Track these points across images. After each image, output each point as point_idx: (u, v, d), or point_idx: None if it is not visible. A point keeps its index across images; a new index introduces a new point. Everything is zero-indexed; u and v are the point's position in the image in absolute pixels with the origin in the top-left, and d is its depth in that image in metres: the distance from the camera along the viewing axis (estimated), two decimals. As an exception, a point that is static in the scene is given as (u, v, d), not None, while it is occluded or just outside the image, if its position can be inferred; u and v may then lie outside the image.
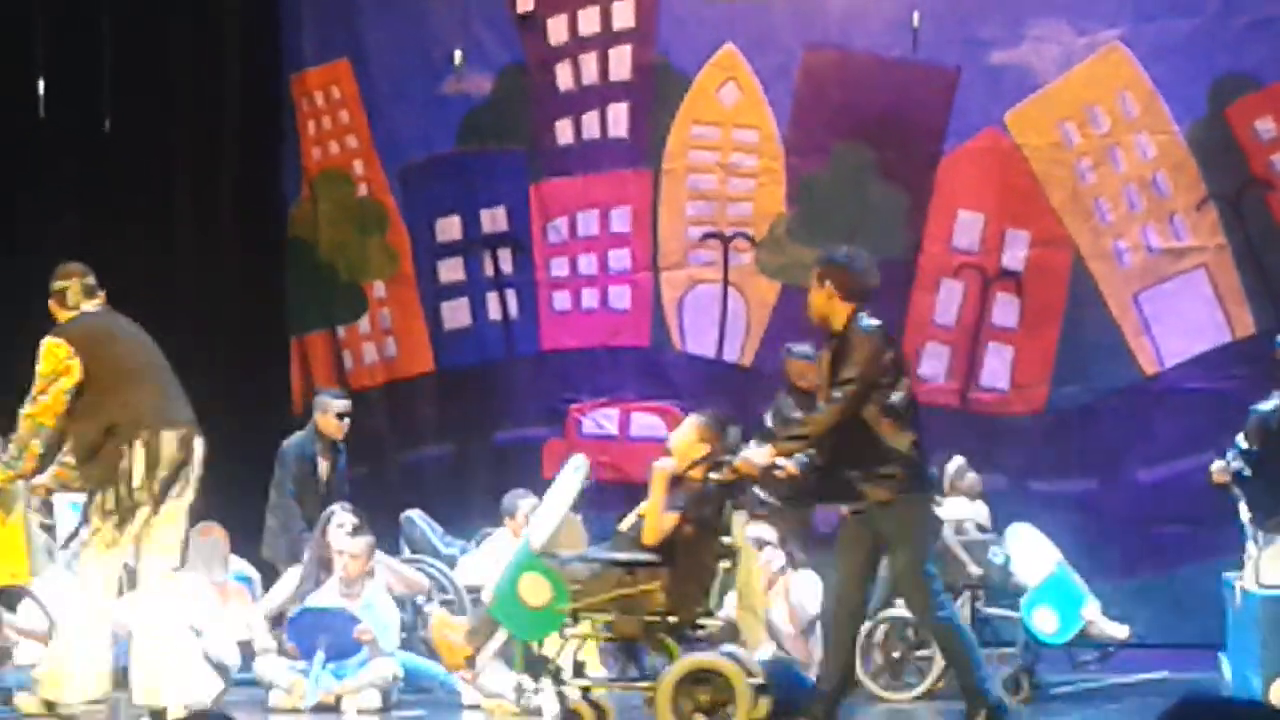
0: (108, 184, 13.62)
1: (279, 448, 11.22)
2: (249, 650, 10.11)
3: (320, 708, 9.52)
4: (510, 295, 13.46)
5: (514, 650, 8.45)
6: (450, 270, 13.60)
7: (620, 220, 13.23)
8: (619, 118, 13.25)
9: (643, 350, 13.13)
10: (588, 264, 13.31)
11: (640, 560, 7.96)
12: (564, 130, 13.35)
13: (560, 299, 13.37)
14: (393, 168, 13.72)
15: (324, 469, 11.11)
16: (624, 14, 13.24)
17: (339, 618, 9.68)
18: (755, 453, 7.91)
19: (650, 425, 12.86)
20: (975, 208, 12.62)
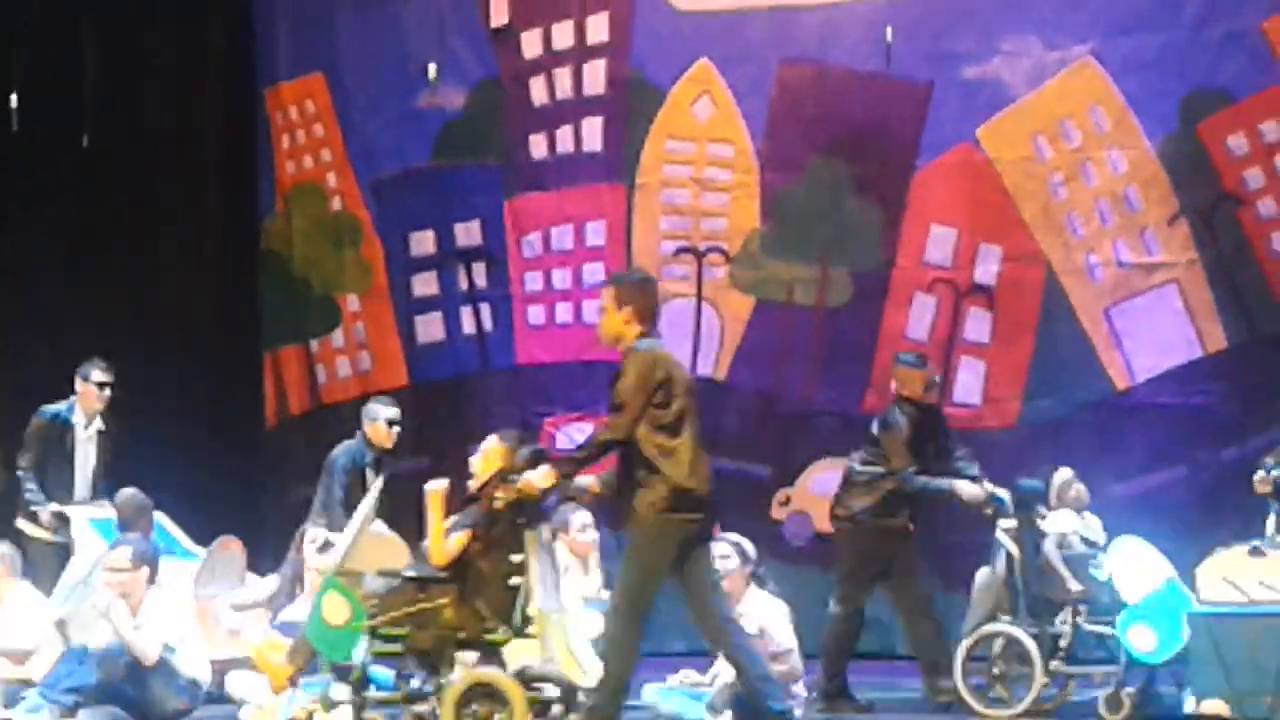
0: (85, 198, 13.60)
1: (326, 458, 10.81)
2: (222, 666, 10.10)
3: (292, 724, 9.51)
4: (485, 309, 13.48)
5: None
6: (424, 284, 13.61)
7: (595, 234, 13.25)
8: (593, 132, 13.28)
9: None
10: (562, 278, 13.33)
11: (432, 577, 8.22)
12: (538, 144, 13.38)
13: (535, 313, 13.38)
14: (367, 181, 13.74)
15: (370, 479, 10.52)
16: (598, 28, 13.27)
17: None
18: (536, 474, 8.11)
19: (624, 440, 12.85)
20: (948, 222, 12.66)
